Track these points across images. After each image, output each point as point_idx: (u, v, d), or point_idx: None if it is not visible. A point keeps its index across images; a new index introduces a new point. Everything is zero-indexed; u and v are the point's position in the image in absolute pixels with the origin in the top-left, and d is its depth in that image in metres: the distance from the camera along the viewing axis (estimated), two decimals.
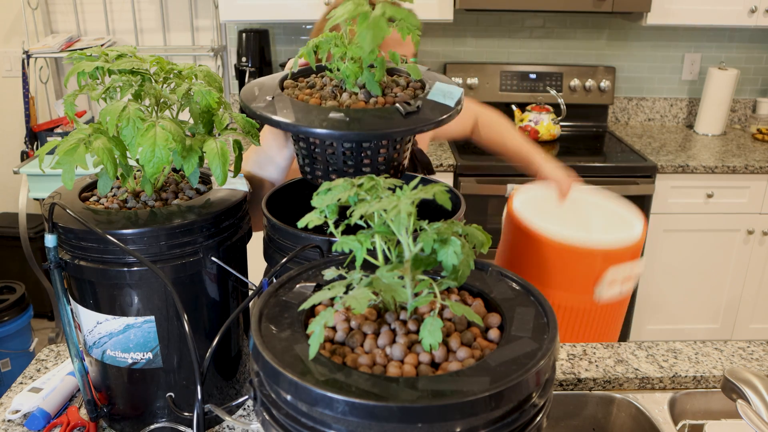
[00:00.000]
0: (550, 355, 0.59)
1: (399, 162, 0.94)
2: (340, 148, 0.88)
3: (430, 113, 0.86)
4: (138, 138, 0.83)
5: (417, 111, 0.85)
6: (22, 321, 2.57)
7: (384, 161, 0.91)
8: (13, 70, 3.07)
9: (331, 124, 0.82)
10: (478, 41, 2.99)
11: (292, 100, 0.89)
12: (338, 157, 0.89)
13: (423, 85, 0.94)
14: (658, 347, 1.25)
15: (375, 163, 0.90)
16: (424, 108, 0.86)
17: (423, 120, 0.85)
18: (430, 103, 0.88)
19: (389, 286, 0.62)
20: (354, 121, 0.83)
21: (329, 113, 0.84)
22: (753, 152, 2.70)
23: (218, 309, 0.96)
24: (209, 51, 2.87)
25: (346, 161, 0.89)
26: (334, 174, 0.91)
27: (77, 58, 0.92)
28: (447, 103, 0.88)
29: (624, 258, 1.32)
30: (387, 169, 0.92)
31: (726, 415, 1.16)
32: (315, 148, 0.90)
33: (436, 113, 0.86)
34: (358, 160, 0.89)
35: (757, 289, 2.75)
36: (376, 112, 0.85)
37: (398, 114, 0.84)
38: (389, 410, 0.52)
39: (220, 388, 1.00)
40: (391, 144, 0.89)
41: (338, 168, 0.90)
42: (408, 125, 0.84)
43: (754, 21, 2.66)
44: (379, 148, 0.89)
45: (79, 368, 0.94)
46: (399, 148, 0.92)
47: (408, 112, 0.84)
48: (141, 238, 0.84)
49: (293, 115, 0.85)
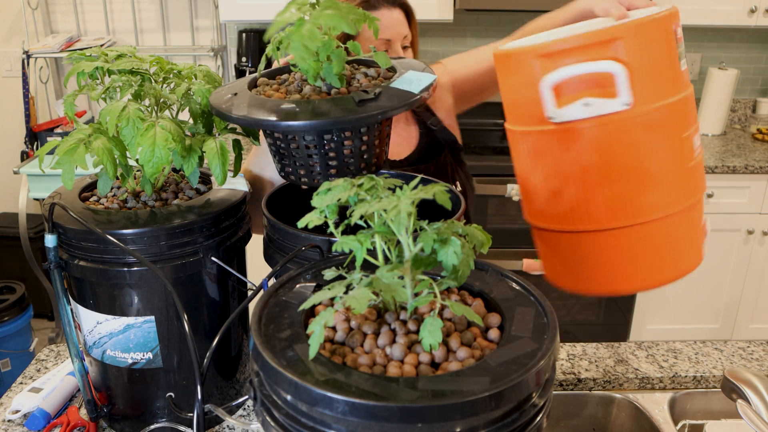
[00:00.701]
0: (550, 355, 0.58)
1: (371, 155, 0.91)
2: (302, 141, 0.86)
3: (387, 101, 0.83)
4: (138, 138, 0.83)
5: (374, 98, 0.82)
6: (22, 321, 2.57)
7: (351, 154, 0.88)
8: (13, 70, 3.07)
9: (280, 115, 0.81)
10: (478, 41, 2.99)
11: (252, 96, 0.88)
12: (302, 150, 0.87)
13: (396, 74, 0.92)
14: (658, 347, 1.25)
15: (341, 155, 0.88)
16: (383, 95, 0.84)
17: (378, 107, 0.82)
18: (391, 91, 0.85)
19: (389, 286, 0.62)
20: (304, 111, 0.81)
21: (281, 105, 0.83)
22: (753, 152, 2.70)
23: (218, 309, 0.96)
24: (209, 51, 2.87)
25: (310, 155, 0.88)
26: (302, 169, 0.90)
27: (77, 58, 0.92)
28: (412, 89, 0.86)
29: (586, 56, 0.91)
30: (356, 162, 0.90)
31: (726, 415, 1.16)
32: (280, 143, 0.89)
33: (394, 100, 0.83)
34: (323, 153, 0.87)
35: (757, 289, 2.75)
36: (329, 101, 0.83)
37: (352, 102, 0.82)
38: (389, 410, 0.51)
39: (220, 388, 1.00)
40: (355, 135, 0.87)
41: (304, 163, 0.89)
42: (359, 113, 0.81)
43: (754, 21, 2.66)
44: (343, 140, 0.87)
45: (79, 368, 0.94)
46: (367, 140, 0.89)
47: (361, 99, 0.82)
48: (141, 238, 0.84)
49: (246, 110, 0.84)
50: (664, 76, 0.93)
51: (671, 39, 0.93)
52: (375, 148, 0.92)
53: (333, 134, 0.86)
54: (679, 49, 0.95)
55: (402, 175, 1.05)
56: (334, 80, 0.86)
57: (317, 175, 0.90)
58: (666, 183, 0.96)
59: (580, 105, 0.92)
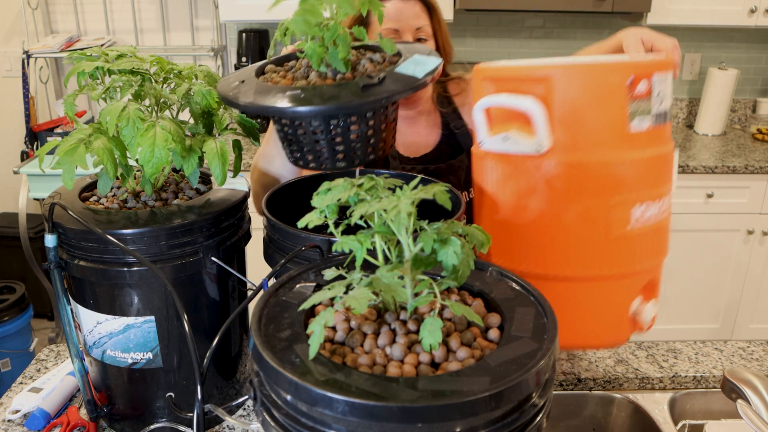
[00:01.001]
0: (550, 355, 0.58)
1: (377, 139, 0.91)
2: (309, 127, 0.87)
3: (392, 85, 0.83)
4: (138, 138, 0.83)
5: (379, 83, 0.82)
6: (22, 321, 2.57)
7: (358, 138, 0.89)
8: (13, 70, 3.07)
9: (286, 102, 0.81)
10: (478, 41, 2.99)
11: (259, 83, 0.89)
12: (309, 136, 0.88)
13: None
14: (658, 347, 1.25)
15: (348, 140, 0.88)
16: (388, 80, 0.84)
17: (382, 92, 0.82)
18: (395, 76, 0.85)
19: (389, 286, 0.62)
20: (310, 97, 0.81)
21: (287, 91, 0.83)
22: (753, 152, 2.70)
23: (218, 309, 0.96)
24: (209, 51, 2.87)
25: (317, 140, 0.88)
26: (310, 155, 0.90)
27: (77, 58, 0.92)
28: (416, 74, 0.86)
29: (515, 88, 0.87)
30: (363, 147, 0.90)
31: (726, 415, 1.16)
32: (287, 129, 0.90)
33: (399, 85, 0.84)
34: (329, 139, 0.87)
35: (757, 289, 2.75)
36: (335, 86, 0.83)
37: (357, 87, 0.82)
38: (389, 410, 0.51)
39: (220, 388, 1.00)
40: (361, 120, 0.87)
41: (312, 148, 0.89)
42: (364, 98, 0.81)
43: (754, 21, 2.66)
44: (349, 125, 0.87)
45: (79, 368, 0.94)
46: (373, 125, 0.89)
47: (366, 84, 0.82)
48: (141, 238, 0.84)
49: (252, 96, 0.84)
50: (596, 131, 0.84)
51: (617, 92, 0.83)
52: (381, 132, 0.92)
53: (339, 119, 0.86)
54: (634, 107, 0.84)
55: (402, 175, 1.06)
56: (340, 65, 0.86)
57: (325, 160, 0.90)
58: (579, 244, 0.88)
59: (500, 137, 0.89)
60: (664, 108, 0.87)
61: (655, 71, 0.85)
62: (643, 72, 0.84)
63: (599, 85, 0.84)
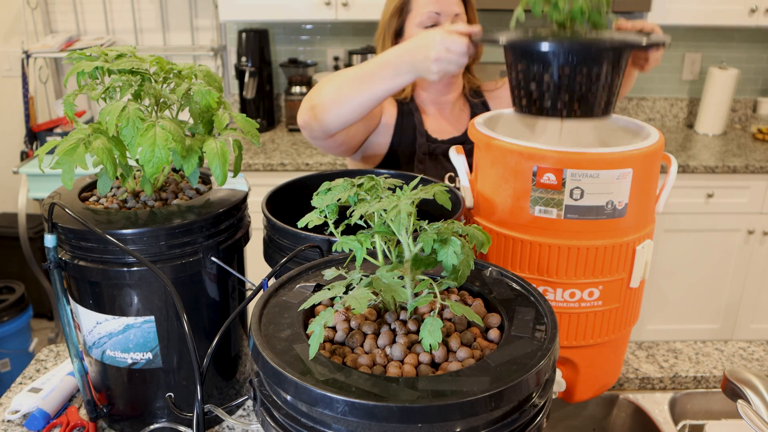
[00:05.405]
0: (550, 355, 0.58)
1: (610, 94, 0.98)
2: (567, 65, 0.93)
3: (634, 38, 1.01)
4: (138, 138, 0.83)
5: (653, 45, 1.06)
6: (22, 321, 2.58)
7: (596, 81, 0.94)
8: (12, 70, 3.07)
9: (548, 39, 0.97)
10: None
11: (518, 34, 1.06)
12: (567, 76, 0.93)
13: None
14: (659, 347, 1.24)
15: (588, 83, 0.94)
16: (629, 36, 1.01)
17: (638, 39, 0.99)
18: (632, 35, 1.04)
19: (389, 286, 0.62)
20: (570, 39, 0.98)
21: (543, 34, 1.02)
22: (753, 152, 2.70)
23: (218, 309, 0.96)
24: (209, 51, 2.87)
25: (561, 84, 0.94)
26: (548, 98, 0.95)
27: (77, 58, 0.92)
28: (640, 40, 1.01)
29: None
30: (596, 94, 0.95)
31: (726, 415, 1.16)
32: (536, 67, 0.96)
33: (642, 39, 1.00)
34: (572, 79, 0.93)
35: (758, 289, 2.75)
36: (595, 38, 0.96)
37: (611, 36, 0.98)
38: (389, 410, 0.51)
39: (220, 388, 1.00)
40: (610, 69, 0.94)
41: (551, 89, 0.95)
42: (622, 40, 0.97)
43: (754, 21, 2.66)
44: (598, 72, 0.94)
45: (79, 368, 0.94)
46: (619, 70, 0.96)
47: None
48: (141, 238, 0.84)
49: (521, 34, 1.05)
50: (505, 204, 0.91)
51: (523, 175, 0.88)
52: (615, 88, 0.98)
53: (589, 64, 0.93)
54: (537, 194, 0.87)
55: (402, 175, 1.06)
56: (601, 20, 1.02)
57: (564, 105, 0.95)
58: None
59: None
60: (588, 203, 0.87)
61: (570, 167, 0.85)
62: (552, 165, 0.86)
63: (507, 164, 0.90)
